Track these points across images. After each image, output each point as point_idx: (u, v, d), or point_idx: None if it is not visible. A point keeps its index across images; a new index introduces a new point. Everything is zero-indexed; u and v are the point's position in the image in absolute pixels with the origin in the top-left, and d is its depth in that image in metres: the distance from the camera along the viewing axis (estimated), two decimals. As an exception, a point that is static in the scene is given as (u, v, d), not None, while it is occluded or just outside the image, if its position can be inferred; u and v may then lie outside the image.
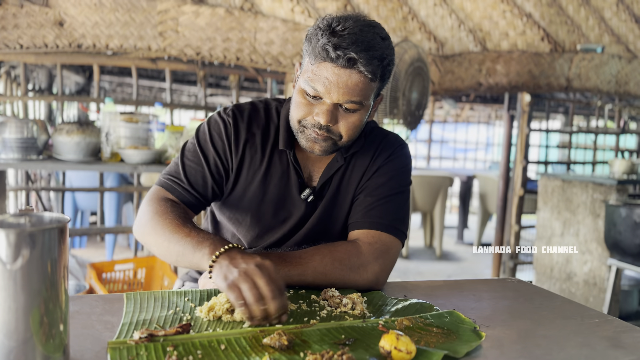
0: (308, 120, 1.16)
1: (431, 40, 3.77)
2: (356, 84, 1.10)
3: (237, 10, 3.42)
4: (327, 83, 1.10)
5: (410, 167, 1.33)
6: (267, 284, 0.91)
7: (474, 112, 9.95)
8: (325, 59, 1.08)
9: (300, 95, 1.16)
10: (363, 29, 1.09)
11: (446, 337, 0.90)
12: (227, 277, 0.93)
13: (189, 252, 1.05)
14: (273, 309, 0.90)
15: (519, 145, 4.21)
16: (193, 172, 1.25)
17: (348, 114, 1.15)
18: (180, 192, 1.24)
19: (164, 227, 1.12)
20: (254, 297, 0.89)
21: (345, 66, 1.08)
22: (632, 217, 2.86)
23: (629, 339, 0.95)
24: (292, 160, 1.26)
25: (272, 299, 0.90)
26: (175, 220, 1.12)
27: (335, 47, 1.06)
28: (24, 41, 3.23)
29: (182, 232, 1.09)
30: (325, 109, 1.13)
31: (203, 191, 1.26)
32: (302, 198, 1.27)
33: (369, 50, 1.08)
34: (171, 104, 3.73)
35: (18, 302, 0.66)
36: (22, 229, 0.65)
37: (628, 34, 4.18)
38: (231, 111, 1.29)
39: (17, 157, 2.68)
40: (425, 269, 5.24)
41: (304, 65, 1.16)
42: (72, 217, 4.77)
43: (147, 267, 3.29)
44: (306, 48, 1.14)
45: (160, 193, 1.23)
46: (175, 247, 1.09)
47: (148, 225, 1.16)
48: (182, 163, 1.26)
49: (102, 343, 0.82)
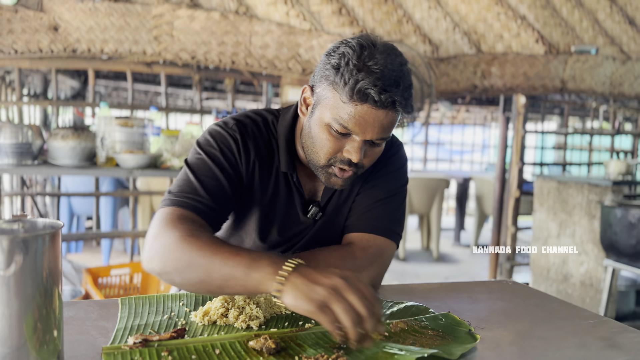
0: (336, 157, 1.11)
1: (426, 43, 3.78)
2: (391, 121, 1.07)
3: (232, 14, 3.42)
4: (363, 123, 1.04)
5: (406, 167, 1.33)
6: (361, 298, 0.81)
7: (470, 114, 9.97)
8: (364, 100, 1.02)
9: (325, 132, 1.09)
10: (392, 62, 1.03)
11: (441, 339, 0.90)
12: (312, 298, 0.81)
13: (241, 273, 0.89)
14: (370, 327, 0.80)
15: (514, 146, 4.22)
16: (211, 186, 1.11)
17: (374, 147, 1.12)
18: (201, 209, 1.08)
19: (201, 250, 0.94)
20: (354, 318, 0.79)
21: (385, 107, 1.03)
22: (627, 217, 2.87)
23: (624, 340, 0.96)
24: (296, 183, 1.22)
25: (370, 317, 0.80)
26: (214, 240, 0.97)
27: (380, 91, 1.00)
28: (18, 46, 3.22)
29: (227, 252, 0.92)
30: (356, 146, 1.07)
31: (226, 206, 1.14)
32: (309, 217, 1.25)
33: (404, 89, 1.04)
34: (167, 108, 3.73)
35: (11, 308, 0.65)
36: (15, 235, 0.65)
37: (622, 36, 4.21)
38: (235, 126, 1.20)
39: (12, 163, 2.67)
40: (422, 271, 5.24)
41: (328, 97, 1.07)
42: (67, 222, 4.76)
43: (143, 272, 3.28)
44: (332, 79, 1.05)
45: (180, 213, 1.05)
46: (220, 271, 0.91)
47: (175, 251, 0.96)
48: (196, 179, 1.11)
49: (97, 348, 0.81)
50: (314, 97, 1.12)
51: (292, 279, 0.84)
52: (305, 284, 0.83)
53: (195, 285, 0.96)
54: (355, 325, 0.79)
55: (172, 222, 1.02)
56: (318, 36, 3.50)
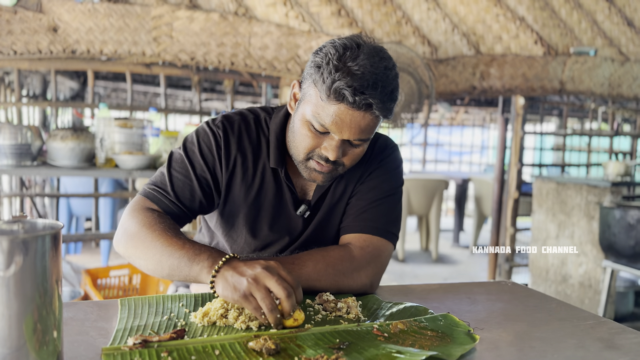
0: (314, 153, 1.13)
1: (425, 44, 3.78)
2: (368, 123, 1.08)
3: (232, 15, 3.43)
4: (339, 123, 1.06)
5: (401, 168, 1.33)
6: (279, 284, 0.90)
7: (469, 116, 9.98)
8: (340, 100, 1.04)
9: (305, 127, 1.12)
10: (375, 65, 1.04)
11: (440, 340, 0.90)
12: (236, 288, 0.91)
13: (185, 265, 1.01)
14: (288, 308, 0.89)
15: (513, 148, 4.22)
16: (180, 185, 1.19)
17: (354, 147, 1.13)
18: (166, 203, 1.18)
19: (154, 240, 1.06)
20: (270, 305, 0.88)
21: (360, 109, 1.05)
22: (626, 218, 2.87)
23: (622, 341, 0.96)
24: (284, 179, 1.24)
25: (287, 298, 0.89)
26: (167, 232, 1.07)
27: (354, 92, 1.02)
28: (17, 47, 3.22)
29: (175, 244, 1.04)
30: (334, 145, 1.10)
31: (190, 205, 1.20)
32: (298, 214, 1.26)
33: (383, 93, 1.05)
34: (166, 109, 3.73)
35: (11, 309, 0.65)
36: (15, 236, 0.65)
37: (620, 37, 4.21)
38: (221, 123, 1.23)
39: (11, 164, 2.67)
40: (421, 272, 5.25)
41: (311, 94, 1.10)
42: (66, 223, 4.76)
43: (142, 273, 3.28)
44: (314, 77, 1.08)
45: (145, 203, 1.17)
46: (168, 261, 1.03)
47: (135, 237, 1.09)
48: (169, 174, 1.20)
49: (96, 349, 0.81)
50: (300, 93, 1.15)
51: (223, 272, 0.94)
52: (232, 275, 0.92)
53: (150, 270, 1.09)
54: (273, 310, 0.88)
55: (137, 211, 1.14)
56: (317, 37, 3.50)
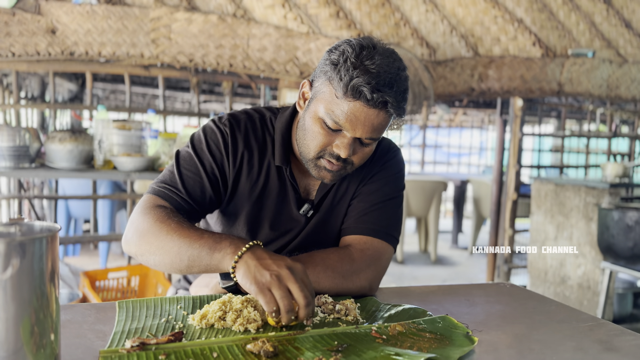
0: (326, 151, 1.13)
1: (423, 46, 3.79)
2: (381, 122, 1.09)
3: (230, 17, 3.43)
4: (354, 120, 1.07)
5: (403, 172, 1.34)
6: (301, 290, 0.89)
7: (467, 117, 9.99)
8: (357, 97, 1.05)
9: (317, 125, 1.12)
10: (390, 65, 1.06)
11: (439, 342, 0.90)
12: (257, 279, 0.90)
13: (206, 254, 0.99)
14: (303, 316, 0.89)
15: (512, 149, 4.22)
16: (191, 182, 1.19)
17: (364, 146, 1.14)
18: (177, 201, 1.17)
19: (170, 232, 1.04)
20: (288, 306, 0.87)
21: (376, 107, 1.06)
22: (624, 220, 2.87)
23: (621, 343, 0.96)
24: (289, 177, 1.24)
25: (306, 307, 0.88)
26: (182, 225, 1.05)
27: (372, 89, 1.03)
28: (16, 49, 3.22)
29: (193, 235, 1.02)
30: (346, 142, 1.10)
31: (201, 201, 1.20)
32: (301, 214, 1.26)
33: (399, 92, 1.06)
34: (164, 110, 3.73)
35: (8, 312, 0.65)
36: (12, 238, 0.65)
37: (618, 39, 4.22)
38: (227, 121, 1.24)
39: (10, 165, 2.66)
40: (420, 273, 5.24)
41: (324, 91, 1.10)
42: (65, 225, 4.75)
43: (140, 275, 3.28)
44: (329, 74, 1.08)
45: (156, 201, 1.15)
46: (187, 252, 1.01)
47: (148, 233, 1.07)
48: (179, 172, 1.20)
49: (94, 352, 0.81)
50: (311, 91, 1.15)
51: (245, 259, 0.93)
52: (255, 266, 0.91)
53: (166, 265, 1.06)
54: (290, 311, 0.87)
55: (148, 209, 1.12)
56: (316, 39, 3.50)
